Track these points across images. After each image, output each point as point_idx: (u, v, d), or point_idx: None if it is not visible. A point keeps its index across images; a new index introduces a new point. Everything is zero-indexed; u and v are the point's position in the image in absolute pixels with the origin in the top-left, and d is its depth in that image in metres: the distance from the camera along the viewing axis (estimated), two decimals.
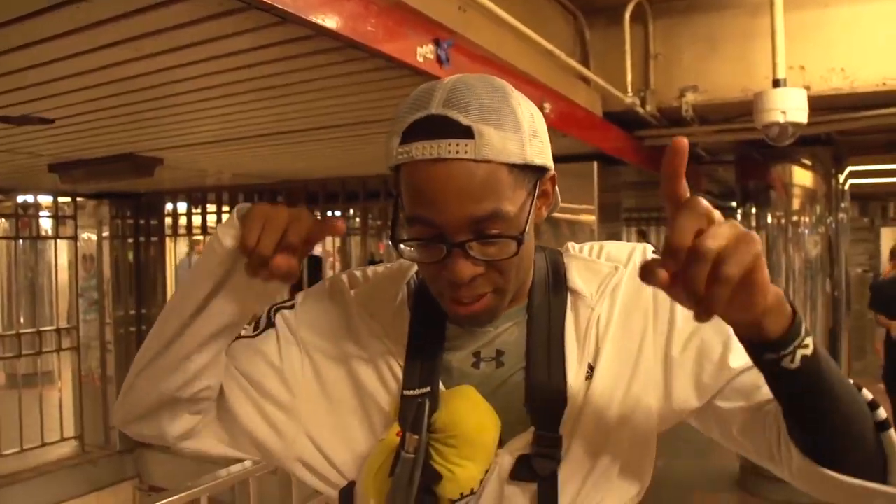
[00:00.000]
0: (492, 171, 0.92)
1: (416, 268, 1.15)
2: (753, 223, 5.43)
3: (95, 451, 6.63)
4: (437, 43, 2.31)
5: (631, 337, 1.05)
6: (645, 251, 1.11)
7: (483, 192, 0.92)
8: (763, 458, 1.03)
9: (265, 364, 1.10)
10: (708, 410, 1.06)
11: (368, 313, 1.12)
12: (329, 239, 6.48)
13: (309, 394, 1.11)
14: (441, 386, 1.05)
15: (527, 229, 0.96)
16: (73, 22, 1.93)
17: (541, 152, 0.98)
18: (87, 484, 6.42)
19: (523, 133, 0.95)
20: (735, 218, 5.72)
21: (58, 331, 6.87)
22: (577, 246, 1.15)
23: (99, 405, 6.73)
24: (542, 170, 1.00)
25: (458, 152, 0.91)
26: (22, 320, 8.71)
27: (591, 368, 1.04)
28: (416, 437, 0.99)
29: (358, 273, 1.20)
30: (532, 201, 0.98)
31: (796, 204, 5.27)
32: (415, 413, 1.01)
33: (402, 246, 0.99)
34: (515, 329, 1.08)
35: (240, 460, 6.18)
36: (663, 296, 0.97)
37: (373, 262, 6.72)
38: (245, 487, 2.57)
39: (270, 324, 1.13)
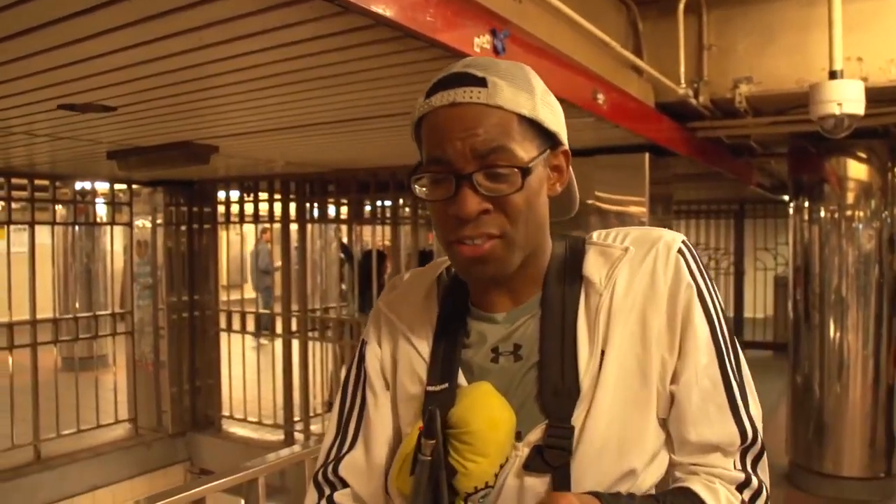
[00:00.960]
0: (502, 117, 0.98)
1: (448, 262, 1.19)
2: (806, 217, 5.35)
3: (148, 434, 6.79)
4: (493, 33, 2.32)
5: (643, 324, 1.04)
6: (675, 237, 1.09)
7: (492, 130, 0.98)
8: None
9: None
10: None
11: (397, 316, 1.18)
12: (378, 229, 6.55)
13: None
14: (463, 381, 1.08)
15: (532, 168, 0.99)
16: (138, 13, 1.97)
17: (554, 121, 1.04)
18: (140, 465, 6.58)
19: (535, 96, 1.02)
20: (788, 212, 5.65)
21: (113, 315, 7.03)
22: (603, 232, 1.14)
23: (152, 389, 6.88)
24: (555, 140, 1.05)
25: (471, 97, 0.98)
26: (78, 305, 8.96)
27: (603, 354, 1.03)
28: (431, 441, 1.01)
29: (394, 280, 1.27)
30: (540, 161, 1.02)
31: (850, 198, 5.17)
32: (427, 417, 1.03)
33: (416, 186, 1.04)
34: (532, 322, 1.08)
35: (290, 444, 6.28)
36: (682, 303, 1.04)
37: (423, 253, 6.77)
38: (301, 470, 2.61)
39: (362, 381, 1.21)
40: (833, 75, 3.50)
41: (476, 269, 1.03)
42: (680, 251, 1.07)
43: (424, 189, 1.03)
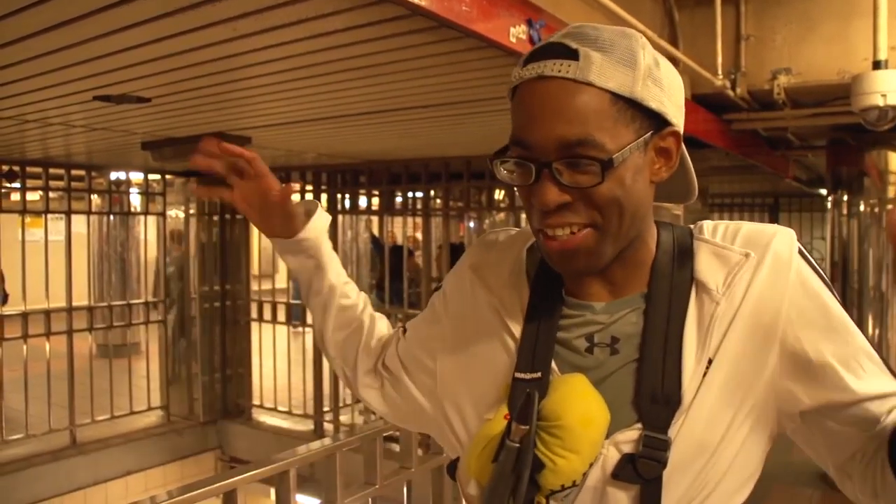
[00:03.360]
0: (592, 96, 0.90)
1: None
2: (845, 211, 5.24)
3: (180, 422, 6.87)
4: (529, 23, 2.29)
5: (760, 334, 0.97)
6: (790, 238, 1.01)
7: (577, 115, 0.89)
8: (834, 467, 1.02)
9: (417, 339, 1.23)
10: (808, 420, 1.01)
11: (486, 286, 1.11)
12: (410, 220, 6.54)
13: (448, 363, 1.14)
14: (556, 371, 1.01)
15: (617, 161, 0.90)
16: (173, 4, 1.98)
17: (659, 100, 0.93)
18: (172, 452, 6.66)
19: (638, 71, 0.91)
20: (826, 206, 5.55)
21: (146, 304, 7.10)
22: (710, 225, 1.06)
23: (183, 377, 6.95)
24: (660, 120, 0.95)
25: (559, 71, 0.90)
26: (112, 293, 9.06)
27: (711, 362, 0.96)
28: (524, 427, 0.96)
29: (489, 238, 1.18)
30: (637, 145, 0.93)
31: (892, 191, 5.06)
32: (524, 402, 0.98)
33: (500, 168, 0.97)
34: (633, 315, 1.01)
35: (319, 434, 6.30)
36: (802, 293, 0.97)
37: (453, 245, 6.76)
38: (332, 462, 2.61)
39: (431, 304, 1.22)
40: (877, 65, 3.42)
41: (565, 263, 0.97)
42: (800, 252, 1.00)
43: (508, 172, 0.97)
